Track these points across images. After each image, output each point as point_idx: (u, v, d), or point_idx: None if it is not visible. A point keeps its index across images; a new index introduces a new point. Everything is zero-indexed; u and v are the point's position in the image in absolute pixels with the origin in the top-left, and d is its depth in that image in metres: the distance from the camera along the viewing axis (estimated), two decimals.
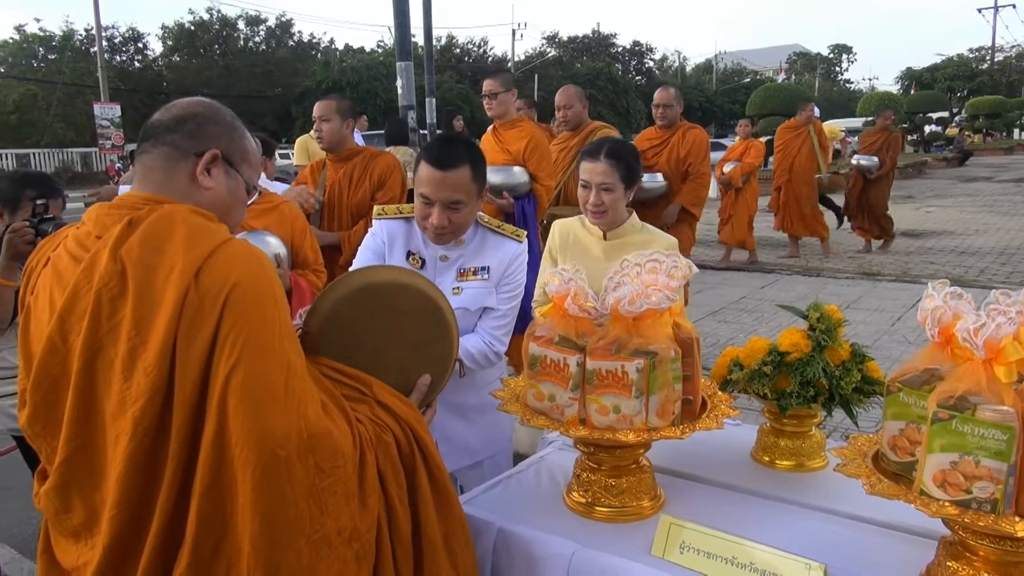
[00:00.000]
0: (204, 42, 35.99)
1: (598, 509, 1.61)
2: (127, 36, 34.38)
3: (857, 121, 30.27)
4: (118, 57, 33.85)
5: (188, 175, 1.31)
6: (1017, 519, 1.16)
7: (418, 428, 1.39)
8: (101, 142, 24.07)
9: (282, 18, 38.43)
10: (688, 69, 59.17)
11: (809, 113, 8.85)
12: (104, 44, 27.45)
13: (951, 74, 39.52)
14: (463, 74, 38.02)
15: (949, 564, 1.27)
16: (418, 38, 17.59)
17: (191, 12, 42.65)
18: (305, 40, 39.84)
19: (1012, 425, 1.15)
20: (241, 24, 37.09)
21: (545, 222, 4.23)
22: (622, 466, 1.62)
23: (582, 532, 1.55)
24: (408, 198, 3.63)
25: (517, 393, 1.71)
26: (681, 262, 1.59)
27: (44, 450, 1.25)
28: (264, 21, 37.77)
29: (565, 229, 2.56)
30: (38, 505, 1.27)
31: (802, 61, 68.17)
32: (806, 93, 24.50)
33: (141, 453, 1.14)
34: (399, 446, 1.34)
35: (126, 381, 1.14)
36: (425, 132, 13.46)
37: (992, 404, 1.17)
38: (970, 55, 48.34)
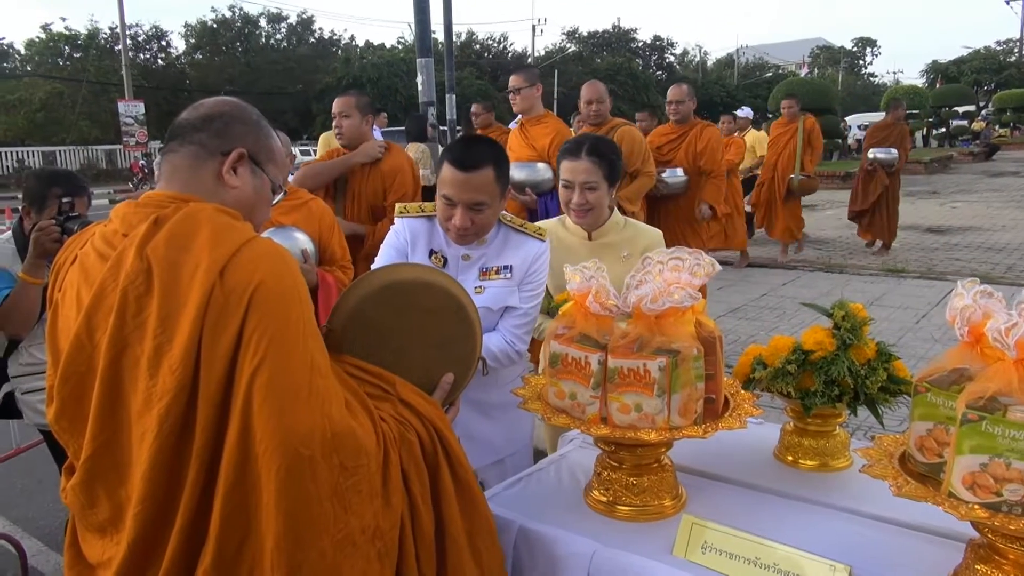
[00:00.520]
0: (226, 39, 36.31)
1: (619, 508, 1.60)
2: (151, 34, 34.77)
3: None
4: (142, 55, 34.22)
5: (214, 174, 1.32)
6: None
7: (441, 427, 1.39)
8: (125, 139, 24.36)
9: (303, 15, 38.98)
10: (709, 64, 58.78)
11: (792, 109, 8.41)
12: (128, 42, 27.75)
13: (978, 67, 38.88)
14: (483, 70, 38.03)
15: (978, 568, 1.25)
16: (438, 34, 17.63)
17: (214, 10, 42.98)
18: (326, 37, 40.11)
19: None
20: (263, 21, 37.45)
21: None
22: (643, 465, 1.62)
23: (603, 531, 1.54)
24: (425, 195, 3.65)
25: (538, 391, 1.70)
26: (704, 259, 1.58)
27: (71, 446, 1.26)
28: (285, 18, 38.16)
29: (547, 232, 2.50)
30: (65, 500, 1.29)
31: (825, 55, 67.34)
32: (829, 87, 24.17)
33: (166, 451, 1.15)
34: (422, 445, 1.34)
35: (152, 379, 1.15)
36: (445, 128, 13.46)
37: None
38: (997, 48, 47.57)
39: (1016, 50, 45.92)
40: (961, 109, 30.21)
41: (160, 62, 35.34)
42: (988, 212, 12.59)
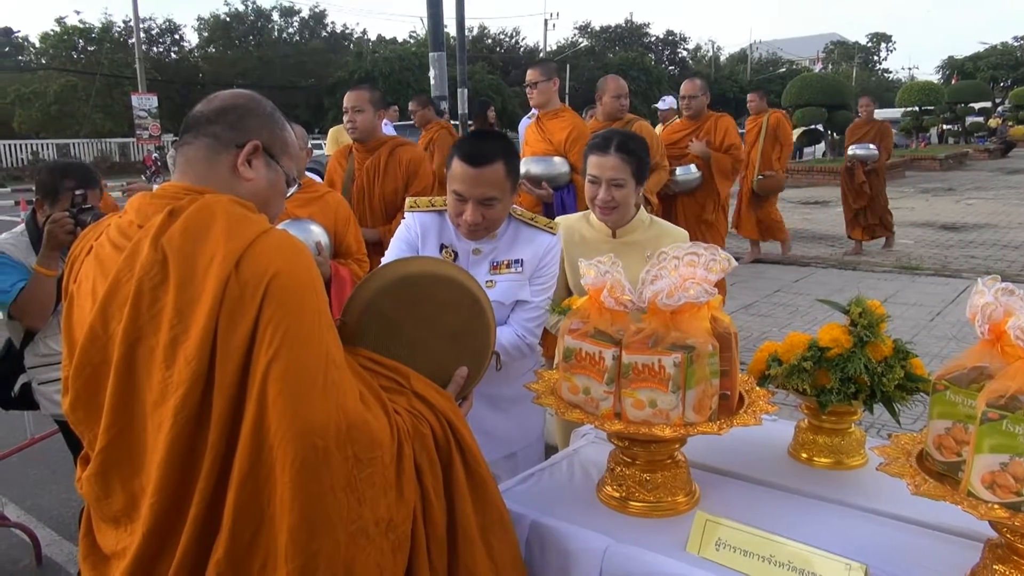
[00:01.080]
0: (239, 33, 36.39)
1: (632, 504, 1.60)
2: (164, 28, 34.91)
3: (896, 112, 29.63)
4: (155, 48, 34.38)
5: (229, 166, 1.32)
6: None
7: (455, 420, 1.39)
8: (138, 132, 24.52)
9: (315, 9, 38.97)
10: (722, 59, 58.47)
11: (758, 103, 8.06)
12: (142, 36, 27.87)
13: (994, 63, 38.49)
14: (495, 64, 37.97)
15: (996, 568, 1.24)
16: (450, 28, 17.60)
17: (226, 3, 43.11)
18: (338, 31, 40.15)
19: None
20: (275, 15, 37.50)
21: None
22: (657, 461, 1.61)
23: (616, 527, 1.54)
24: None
25: (552, 386, 1.70)
26: (720, 255, 1.57)
27: (86, 436, 1.27)
28: (298, 12, 38.33)
29: (569, 228, 2.46)
30: (80, 490, 1.29)
31: (839, 50, 66.87)
32: (843, 83, 23.97)
33: (181, 441, 1.15)
34: (436, 438, 1.34)
35: (168, 369, 1.15)
36: (456, 123, 13.47)
37: None
38: (1015, 43, 47.00)
39: None
40: (977, 105, 29.89)
41: (173, 55, 35.49)
42: (1004, 209, 12.47)
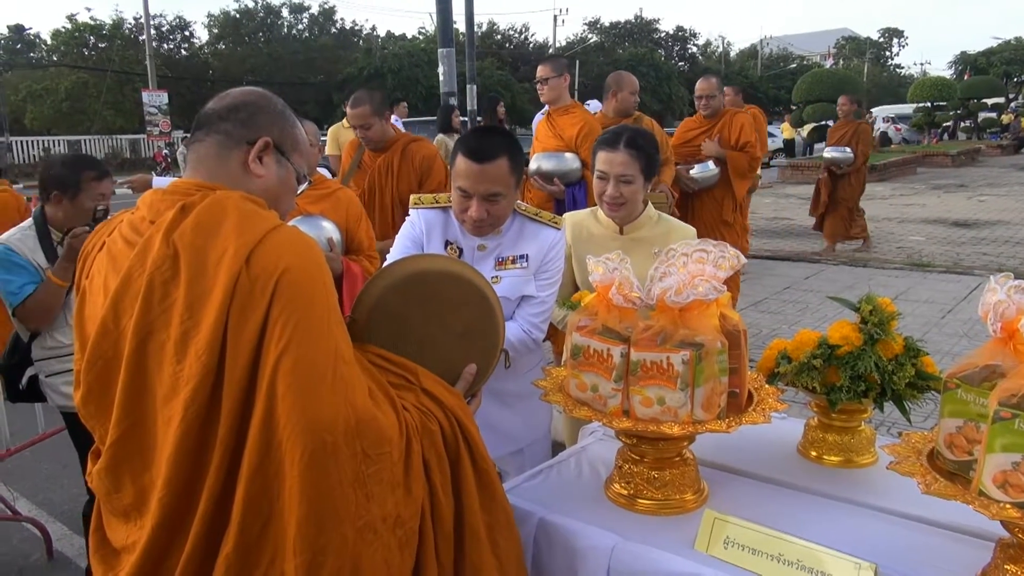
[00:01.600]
0: (249, 30, 36.45)
1: (640, 502, 1.59)
2: (174, 24, 35.00)
3: (907, 107, 29.44)
4: (165, 45, 34.49)
5: (240, 163, 1.33)
6: None
7: (463, 417, 1.39)
8: (149, 129, 24.60)
9: (325, 5, 38.76)
10: (732, 55, 58.15)
11: (732, 98, 6.95)
12: (152, 32, 27.98)
13: (1008, 58, 38.09)
14: (504, 61, 37.91)
15: (1008, 568, 1.23)
16: (459, 24, 17.58)
17: (236, 0, 43.21)
18: (347, 27, 40.12)
19: None
20: (285, 12, 37.48)
21: None
22: (665, 459, 1.60)
23: (624, 524, 1.53)
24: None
25: (560, 383, 1.69)
26: (729, 251, 1.56)
27: (97, 431, 1.28)
28: (307, 8, 38.11)
29: (577, 224, 2.47)
30: (91, 484, 1.30)
31: (851, 46, 66.50)
32: (854, 79, 23.83)
33: (191, 435, 1.15)
34: (444, 435, 1.34)
35: (178, 364, 1.16)
36: (465, 119, 13.47)
37: None
38: None
39: None
40: (990, 101, 29.68)
41: (183, 52, 35.59)
42: (1017, 206, 12.37)
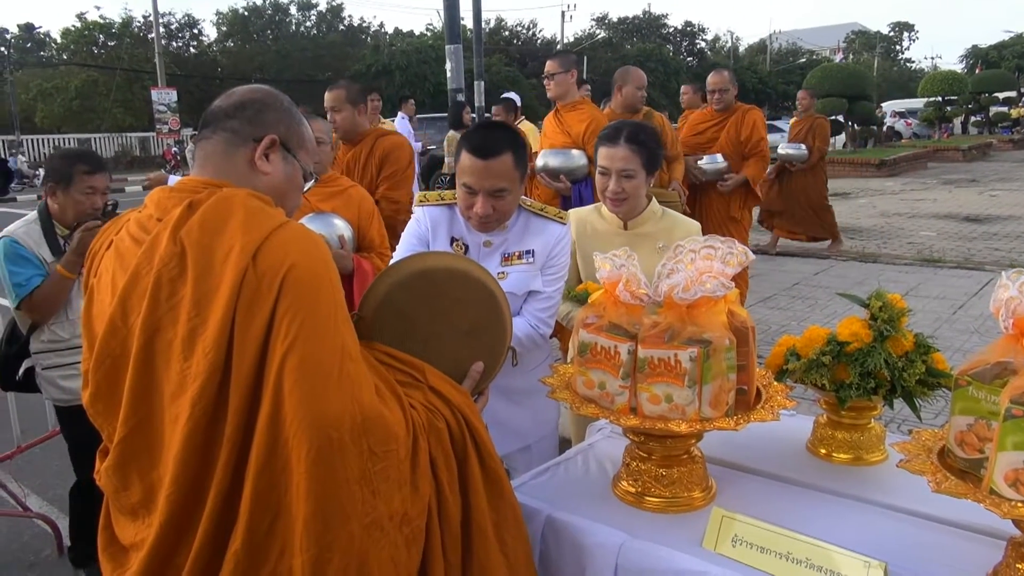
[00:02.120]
0: (257, 27, 36.56)
1: (648, 499, 1.59)
2: (183, 22, 35.17)
3: (918, 102, 29.20)
4: (174, 43, 34.62)
5: (247, 160, 1.33)
6: None
7: (470, 415, 1.39)
8: (158, 126, 24.69)
9: (332, 2, 38.76)
10: (741, 50, 57.91)
11: (691, 97, 6.53)
12: (161, 30, 28.05)
13: (1019, 52, 37.72)
14: (512, 57, 37.87)
15: (1019, 567, 1.22)
16: (467, 21, 17.57)
17: None
18: (355, 24, 40.16)
19: None
20: (293, 9, 37.59)
21: None
22: (673, 456, 1.60)
23: (631, 522, 1.53)
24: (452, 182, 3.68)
25: (567, 380, 1.69)
26: (737, 248, 1.55)
27: (105, 429, 1.28)
28: (315, 6, 38.16)
29: (581, 220, 2.46)
30: (99, 482, 1.30)
31: (861, 40, 65.99)
32: (864, 73, 23.63)
33: (198, 433, 1.16)
34: (451, 433, 1.34)
35: (185, 361, 1.16)
36: (474, 115, 13.46)
37: None
38: None
39: None
40: (1001, 95, 29.39)
41: (192, 50, 35.73)
42: None
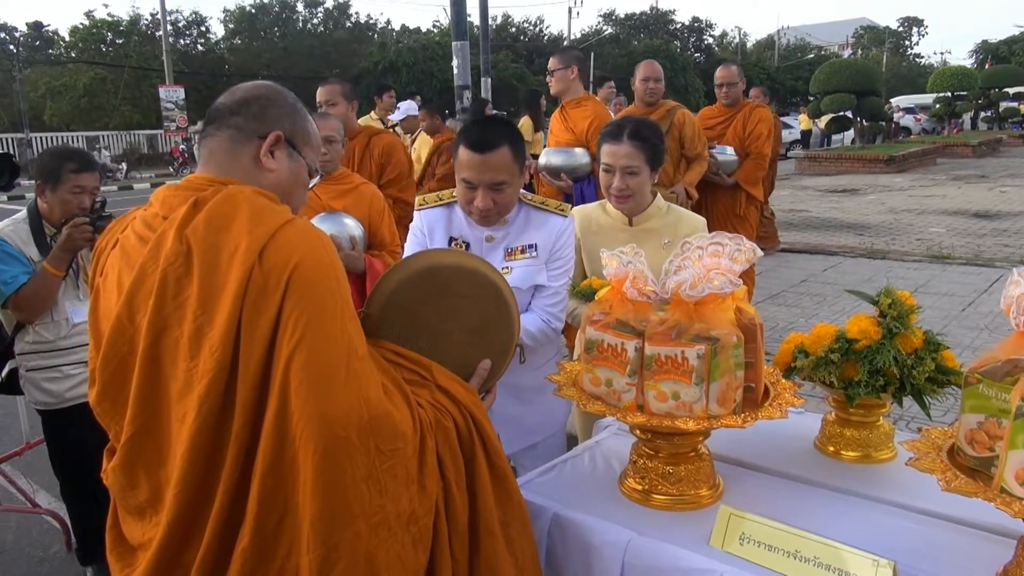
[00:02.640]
0: (264, 24, 36.62)
1: (655, 497, 1.58)
2: (190, 20, 35.24)
3: (927, 97, 29.03)
4: (182, 41, 34.70)
5: (252, 157, 1.32)
6: None
7: (478, 414, 1.38)
8: (166, 124, 24.76)
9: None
10: (749, 46, 57.66)
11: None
12: (168, 28, 28.13)
13: None
14: (518, 53, 37.81)
15: None
16: (474, 17, 17.52)
17: None
18: (362, 21, 40.26)
19: None
20: (300, 6, 37.60)
21: None
22: (680, 454, 1.59)
23: (638, 520, 1.53)
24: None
25: (574, 377, 1.68)
26: (745, 245, 1.54)
27: (112, 428, 1.28)
28: (322, 3, 38.19)
29: (585, 216, 2.47)
30: (106, 481, 1.30)
31: (869, 35, 65.69)
32: (873, 69, 23.48)
33: (206, 431, 1.15)
34: (459, 431, 1.34)
35: (192, 360, 1.16)
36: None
37: None
38: None
39: None
40: (1012, 90, 29.17)
41: (200, 48, 35.81)
42: None
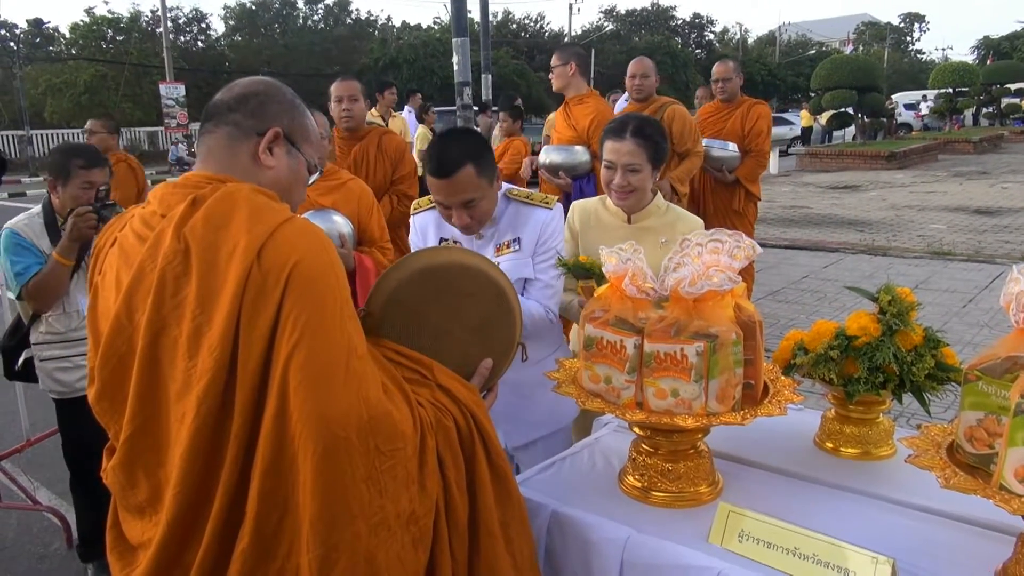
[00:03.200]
0: (265, 21, 36.56)
1: (654, 494, 1.58)
2: (191, 17, 35.18)
3: (929, 93, 29.01)
4: (182, 38, 34.65)
5: (250, 154, 1.31)
6: None
7: (478, 413, 1.38)
8: (167, 121, 24.71)
9: None
10: (750, 42, 57.49)
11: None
12: (169, 25, 28.09)
13: None
14: (519, 50, 37.75)
15: None
16: (474, 14, 17.50)
17: None
18: (362, 18, 40.14)
19: None
20: (300, 3, 37.53)
21: None
22: (679, 451, 1.59)
23: (637, 517, 1.53)
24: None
25: (573, 374, 1.68)
26: (744, 242, 1.54)
27: (111, 427, 1.28)
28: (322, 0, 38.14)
29: (585, 211, 2.48)
30: (106, 480, 1.30)
31: (871, 31, 65.50)
32: (874, 65, 23.44)
33: (205, 431, 1.15)
34: (459, 431, 1.33)
35: (191, 359, 1.16)
36: (476, 108, 13.41)
37: None
38: None
39: None
40: (1013, 86, 29.12)
41: (200, 44, 35.75)
42: None
